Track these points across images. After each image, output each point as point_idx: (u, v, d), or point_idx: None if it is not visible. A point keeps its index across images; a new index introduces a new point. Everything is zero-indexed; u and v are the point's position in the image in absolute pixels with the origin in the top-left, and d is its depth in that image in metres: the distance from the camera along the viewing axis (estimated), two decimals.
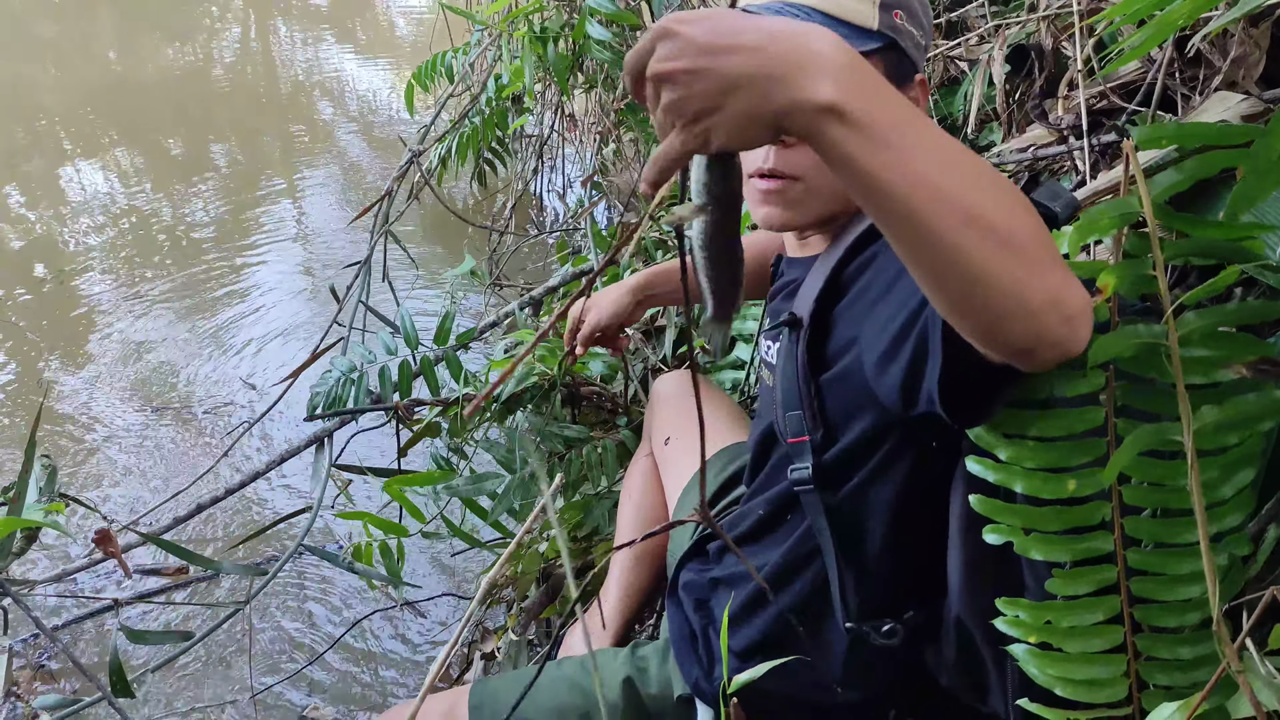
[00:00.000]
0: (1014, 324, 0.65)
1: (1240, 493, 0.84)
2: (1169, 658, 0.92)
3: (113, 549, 1.55)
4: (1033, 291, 0.63)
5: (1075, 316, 0.65)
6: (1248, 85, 1.35)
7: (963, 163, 0.62)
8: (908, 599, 1.10)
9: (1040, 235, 0.64)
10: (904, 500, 1.04)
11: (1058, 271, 0.64)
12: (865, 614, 1.10)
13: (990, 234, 0.62)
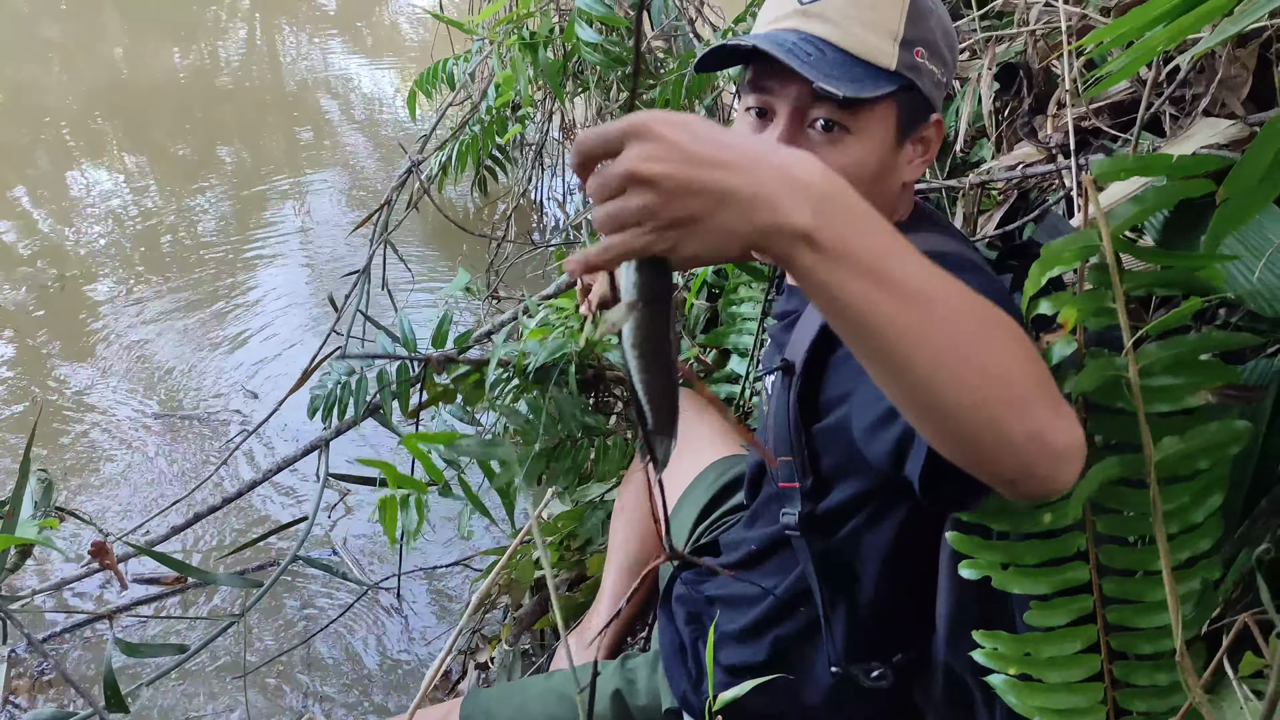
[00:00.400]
0: (993, 459, 0.64)
1: (1211, 516, 0.85)
2: (1146, 684, 0.92)
3: (108, 561, 1.57)
4: (1014, 430, 0.62)
5: (1060, 455, 0.63)
6: (1234, 106, 1.35)
7: (943, 295, 0.61)
8: (897, 642, 1.10)
9: (1027, 368, 0.62)
10: (897, 548, 1.04)
11: (1044, 408, 0.62)
12: (853, 657, 1.11)
13: (968, 370, 0.60)
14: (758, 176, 0.57)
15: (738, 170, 0.57)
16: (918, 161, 1.04)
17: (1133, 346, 0.74)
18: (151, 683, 1.57)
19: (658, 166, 0.57)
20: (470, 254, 3.98)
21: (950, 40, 1.02)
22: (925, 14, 0.99)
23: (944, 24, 1.02)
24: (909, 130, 1.01)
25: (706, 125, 0.59)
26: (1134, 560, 0.86)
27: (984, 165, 1.55)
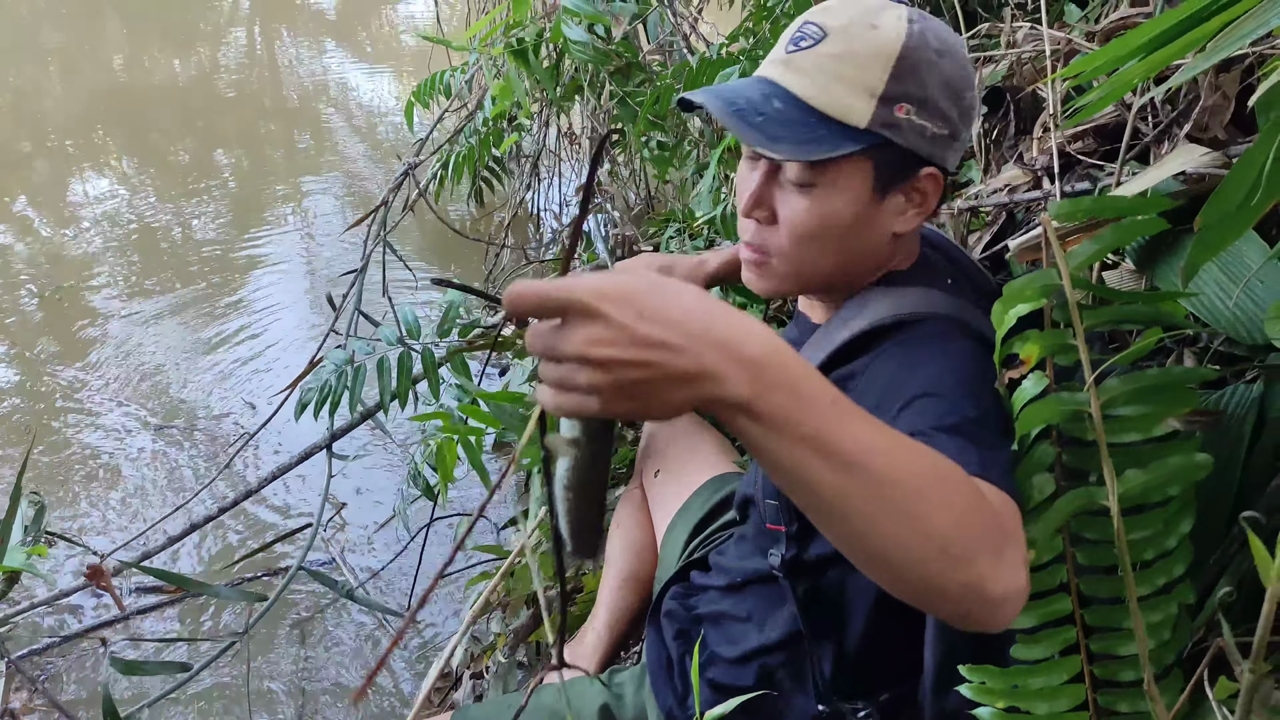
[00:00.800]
0: (930, 605, 0.67)
1: (1182, 542, 0.86)
2: (1130, 711, 0.93)
3: (105, 584, 1.59)
4: (949, 584, 0.64)
5: (995, 603, 0.66)
6: (1216, 130, 1.36)
7: (882, 461, 0.62)
8: (884, 681, 1.11)
9: (968, 522, 0.64)
10: (885, 593, 1.04)
11: (983, 560, 0.65)
12: (839, 696, 1.11)
13: (904, 531, 0.62)
14: (700, 354, 0.59)
15: (681, 351, 0.59)
16: (911, 213, 1.02)
17: (1095, 381, 0.75)
18: (153, 704, 1.58)
19: (605, 351, 0.58)
20: (466, 264, 4.00)
21: (954, 91, 0.98)
22: (917, 68, 0.96)
23: (946, 76, 0.97)
24: (890, 184, 1.00)
25: (651, 295, 0.60)
26: (1113, 589, 0.87)
27: (971, 188, 1.56)
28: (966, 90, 0.99)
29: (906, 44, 0.96)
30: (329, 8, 8.62)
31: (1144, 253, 1.19)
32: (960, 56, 0.99)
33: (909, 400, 0.86)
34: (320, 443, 2.30)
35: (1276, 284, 1.03)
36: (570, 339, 0.59)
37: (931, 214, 1.04)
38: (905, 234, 1.04)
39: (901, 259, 1.08)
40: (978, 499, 0.67)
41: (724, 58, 2.25)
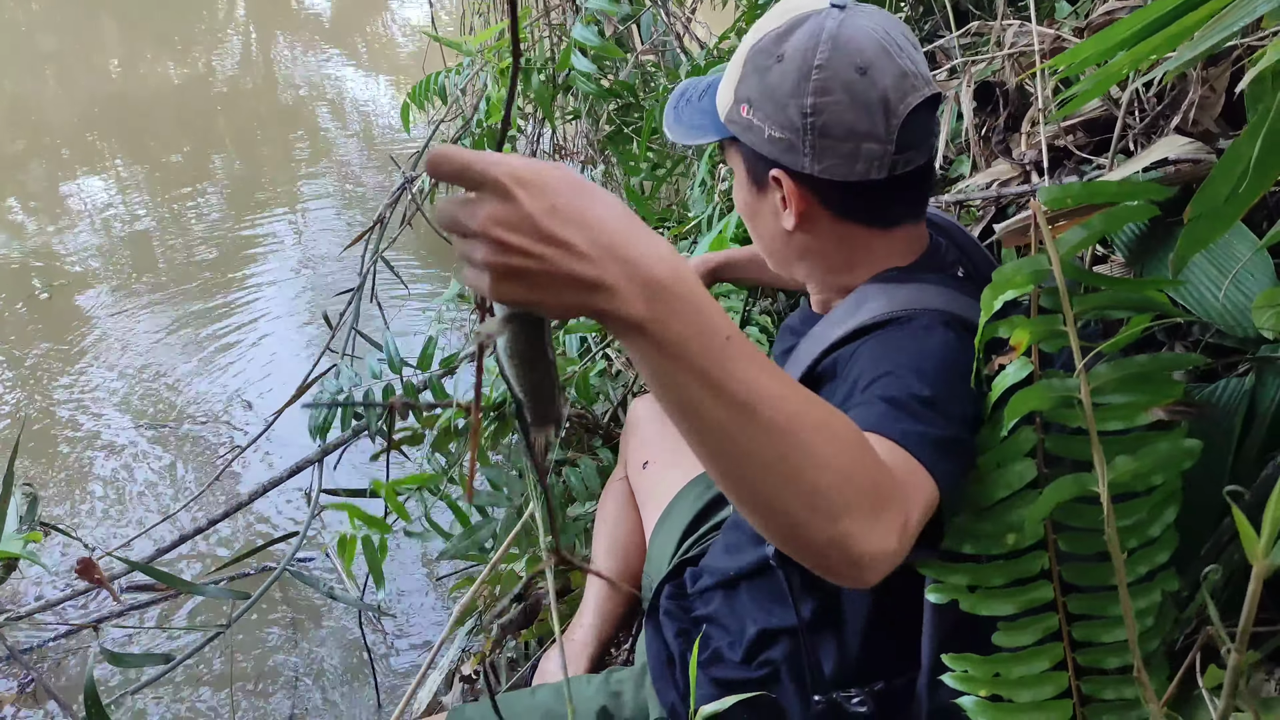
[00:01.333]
0: (792, 551, 0.66)
1: (1167, 530, 0.86)
2: (1114, 699, 0.93)
3: (97, 577, 1.58)
4: (814, 536, 0.64)
5: (859, 562, 0.65)
6: (1207, 124, 1.37)
7: (770, 406, 0.62)
8: (879, 670, 1.10)
9: (843, 480, 0.64)
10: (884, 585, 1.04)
11: (855, 517, 0.64)
12: (836, 685, 1.11)
13: (776, 476, 0.63)
14: (603, 265, 0.59)
15: (583, 257, 0.58)
16: (786, 213, 1.05)
17: (1084, 367, 0.75)
18: (135, 692, 1.59)
19: (504, 234, 0.57)
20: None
21: (779, 99, 0.99)
22: (755, 73, 1.02)
23: (773, 83, 1.00)
24: (759, 180, 1.06)
25: (570, 194, 0.59)
26: (1096, 576, 0.87)
27: (961, 183, 1.56)
28: (794, 99, 0.98)
29: (755, 45, 1.02)
30: (324, 13, 8.63)
31: (1135, 246, 1.20)
32: (799, 65, 0.98)
33: (872, 380, 0.88)
34: (311, 457, 2.31)
35: (1265, 276, 1.03)
36: (475, 213, 0.58)
37: (804, 218, 1.05)
38: (801, 233, 1.06)
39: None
40: (865, 460, 0.67)
41: (715, 59, 2.26)
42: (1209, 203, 0.84)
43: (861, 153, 0.99)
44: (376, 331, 2.86)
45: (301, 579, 2.01)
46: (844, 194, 1.02)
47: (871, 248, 1.07)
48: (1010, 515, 0.86)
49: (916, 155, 1.02)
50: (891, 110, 0.98)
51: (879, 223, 1.06)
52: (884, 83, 0.97)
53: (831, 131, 0.98)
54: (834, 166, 1.00)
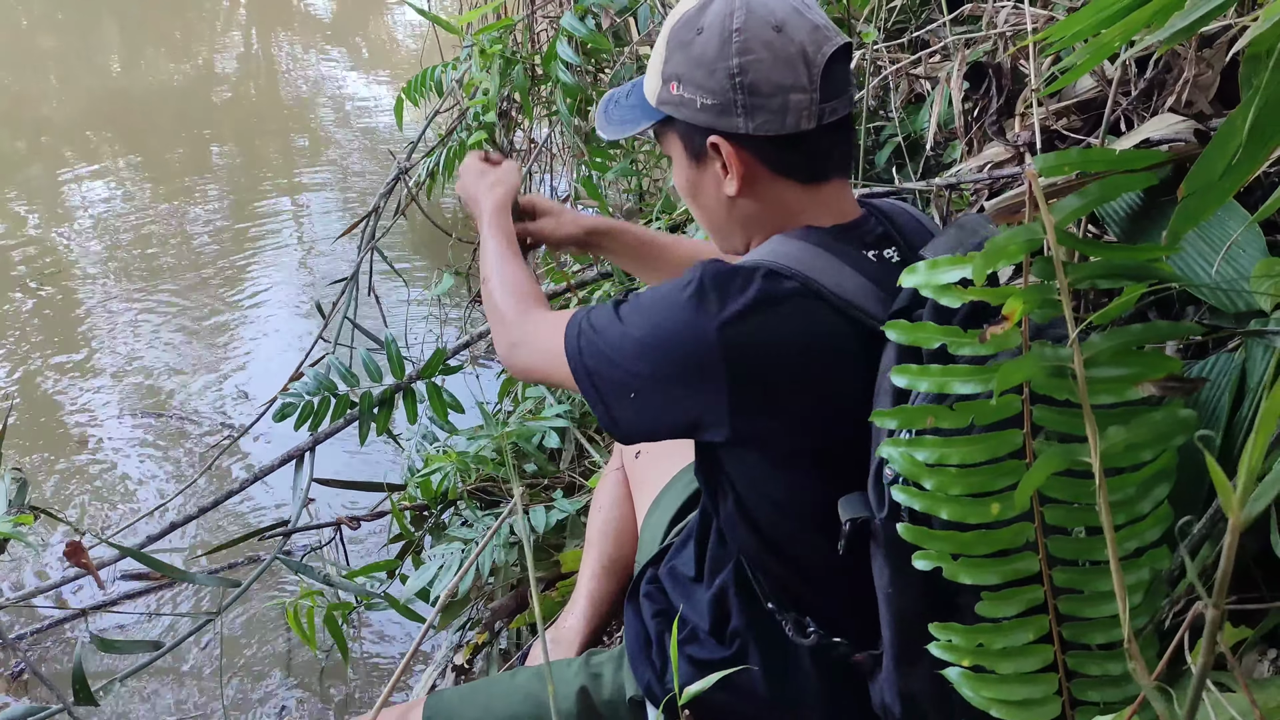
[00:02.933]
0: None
1: (1158, 507, 0.85)
2: (1099, 674, 0.93)
3: (84, 561, 1.57)
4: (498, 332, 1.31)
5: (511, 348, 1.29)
6: (1202, 105, 1.36)
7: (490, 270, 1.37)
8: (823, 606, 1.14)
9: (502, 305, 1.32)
10: (747, 495, 1.13)
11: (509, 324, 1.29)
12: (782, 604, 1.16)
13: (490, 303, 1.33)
14: (469, 195, 1.49)
15: (463, 191, 1.50)
16: (729, 179, 1.11)
17: (1077, 337, 0.74)
18: (125, 678, 1.58)
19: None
20: (459, 259, 3.99)
21: (709, 66, 1.06)
22: (679, 48, 1.09)
23: (699, 53, 1.07)
24: (697, 152, 1.13)
25: (466, 169, 1.53)
26: (1082, 550, 0.87)
27: (954, 168, 1.56)
28: (720, 63, 1.05)
29: (673, 26, 1.11)
30: (324, 13, 8.62)
31: (1128, 224, 1.19)
32: (719, 32, 1.05)
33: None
34: (303, 446, 2.31)
35: (1257, 250, 1.03)
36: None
37: (745, 180, 1.11)
38: (743, 198, 1.12)
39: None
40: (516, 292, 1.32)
41: None
42: (1203, 179, 0.84)
43: (790, 104, 1.05)
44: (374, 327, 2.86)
45: (292, 567, 2.01)
46: (779, 149, 1.08)
47: (803, 208, 1.12)
48: (993, 484, 0.85)
49: (840, 105, 1.09)
50: (811, 61, 1.05)
51: (813, 177, 1.11)
52: (799, 37, 1.05)
53: (760, 88, 1.05)
54: (767, 122, 1.06)
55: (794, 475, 1.09)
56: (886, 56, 1.83)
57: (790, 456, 1.07)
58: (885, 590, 1.00)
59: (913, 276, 0.83)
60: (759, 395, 1.03)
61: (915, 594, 0.97)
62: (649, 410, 1.08)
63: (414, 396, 2.23)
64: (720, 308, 1.02)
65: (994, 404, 0.77)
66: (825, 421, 1.05)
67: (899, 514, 0.92)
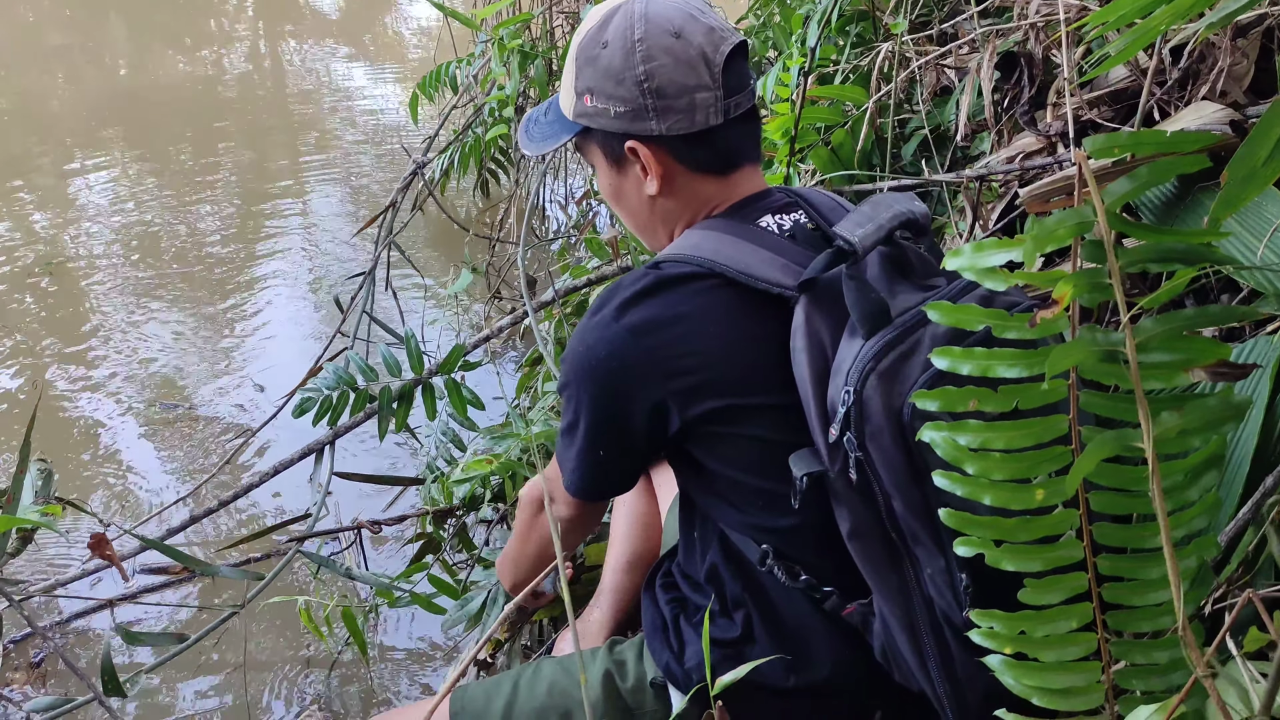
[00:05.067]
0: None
1: (1206, 495, 0.84)
2: (1144, 662, 0.92)
3: (108, 553, 1.57)
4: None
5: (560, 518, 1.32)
6: (1236, 95, 1.35)
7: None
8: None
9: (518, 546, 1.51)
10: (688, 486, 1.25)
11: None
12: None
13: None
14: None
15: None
16: (648, 179, 1.18)
17: (1129, 321, 0.73)
18: (151, 670, 1.58)
19: None
20: (473, 256, 3.99)
21: (617, 76, 1.13)
22: (588, 64, 1.16)
23: (606, 65, 1.13)
24: (617, 159, 1.19)
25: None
26: (1128, 538, 0.86)
27: (983, 159, 1.55)
28: (627, 72, 1.12)
29: (580, 43, 1.18)
30: (331, 11, 8.64)
31: (1161, 212, 1.18)
32: (622, 44, 1.12)
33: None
34: (322, 440, 2.31)
35: None
36: None
37: (664, 179, 1.17)
38: (663, 197, 1.19)
39: (684, 215, 1.20)
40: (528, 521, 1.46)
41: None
42: (1246, 165, 0.83)
43: (697, 103, 1.12)
44: (391, 323, 2.86)
45: (314, 559, 2.01)
46: (692, 146, 1.15)
47: (718, 198, 1.19)
48: (1037, 469, 0.84)
49: (743, 99, 1.15)
50: (710, 61, 1.12)
51: (725, 168, 1.18)
52: (697, 40, 1.12)
53: (666, 90, 1.12)
54: (678, 122, 1.13)
55: (740, 438, 1.13)
56: (913, 49, 1.82)
57: (730, 419, 1.12)
58: (850, 540, 1.05)
59: (957, 259, 0.82)
60: (675, 363, 1.10)
61: (876, 542, 1.03)
62: (616, 442, 1.17)
63: (433, 392, 2.24)
64: (618, 302, 1.11)
65: (1045, 388, 0.76)
66: (747, 385, 1.10)
67: (849, 468, 0.99)
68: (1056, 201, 1.21)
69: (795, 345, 1.05)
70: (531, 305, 2.37)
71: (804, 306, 1.05)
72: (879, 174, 1.78)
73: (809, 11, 1.94)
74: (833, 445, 1.01)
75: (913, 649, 1.05)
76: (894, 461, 0.97)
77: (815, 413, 1.03)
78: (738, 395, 1.10)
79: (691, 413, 1.10)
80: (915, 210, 1.09)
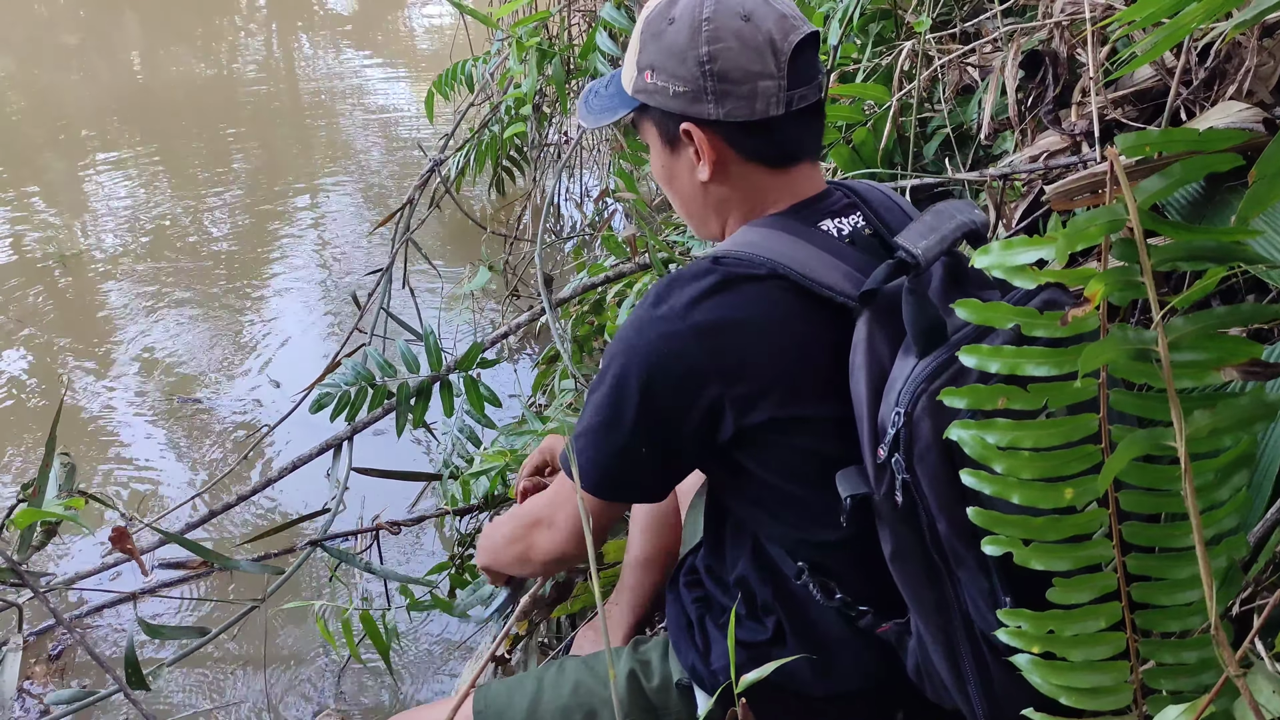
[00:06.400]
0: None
1: (1236, 495, 0.84)
2: (1173, 662, 0.92)
3: (129, 547, 1.58)
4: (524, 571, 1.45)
5: (537, 568, 1.40)
6: (1263, 95, 1.34)
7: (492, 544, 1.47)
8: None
9: (511, 553, 1.41)
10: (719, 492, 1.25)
11: (523, 565, 1.41)
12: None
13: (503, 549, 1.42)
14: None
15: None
16: (700, 164, 1.14)
17: (1161, 319, 0.73)
18: (173, 663, 1.59)
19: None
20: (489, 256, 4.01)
21: (679, 55, 1.10)
22: (652, 39, 1.13)
23: (670, 42, 1.10)
24: (671, 139, 1.16)
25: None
26: (1158, 537, 0.86)
27: (1006, 158, 1.54)
28: (691, 51, 1.09)
29: (647, 18, 1.15)
30: (344, 9, 8.66)
31: (1188, 211, 1.18)
32: (689, 22, 1.09)
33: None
34: (341, 435, 2.32)
35: None
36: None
37: (717, 166, 1.14)
38: (715, 184, 1.16)
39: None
40: (522, 528, 1.36)
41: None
42: (1275, 163, 0.83)
43: (759, 91, 1.09)
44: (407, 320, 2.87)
45: (334, 554, 2.02)
46: (749, 135, 1.12)
47: (773, 192, 1.16)
48: (1066, 468, 0.84)
49: (809, 92, 1.11)
50: (778, 49, 1.08)
51: (782, 161, 1.15)
52: (767, 25, 1.08)
53: (729, 75, 1.08)
54: (736, 108, 1.09)
55: (791, 449, 1.10)
56: (935, 47, 1.81)
57: (785, 428, 1.09)
58: (891, 562, 1.03)
59: (986, 257, 0.82)
60: (738, 368, 1.06)
61: (917, 564, 1.01)
62: (662, 442, 1.12)
63: (450, 389, 2.24)
64: (686, 299, 1.07)
65: (1077, 386, 0.76)
66: (804, 395, 1.07)
67: (895, 490, 0.97)
68: (1081, 199, 1.21)
69: (854, 361, 1.03)
70: (549, 302, 2.38)
71: (866, 322, 1.02)
72: (900, 173, 1.78)
73: (830, 10, 1.94)
74: (879, 466, 0.99)
75: (950, 668, 1.04)
76: (941, 483, 0.95)
77: (867, 430, 1.01)
78: (796, 404, 1.07)
79: (748, 420, 1.07)
80: (976, 220, 1.06)
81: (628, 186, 2.54)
